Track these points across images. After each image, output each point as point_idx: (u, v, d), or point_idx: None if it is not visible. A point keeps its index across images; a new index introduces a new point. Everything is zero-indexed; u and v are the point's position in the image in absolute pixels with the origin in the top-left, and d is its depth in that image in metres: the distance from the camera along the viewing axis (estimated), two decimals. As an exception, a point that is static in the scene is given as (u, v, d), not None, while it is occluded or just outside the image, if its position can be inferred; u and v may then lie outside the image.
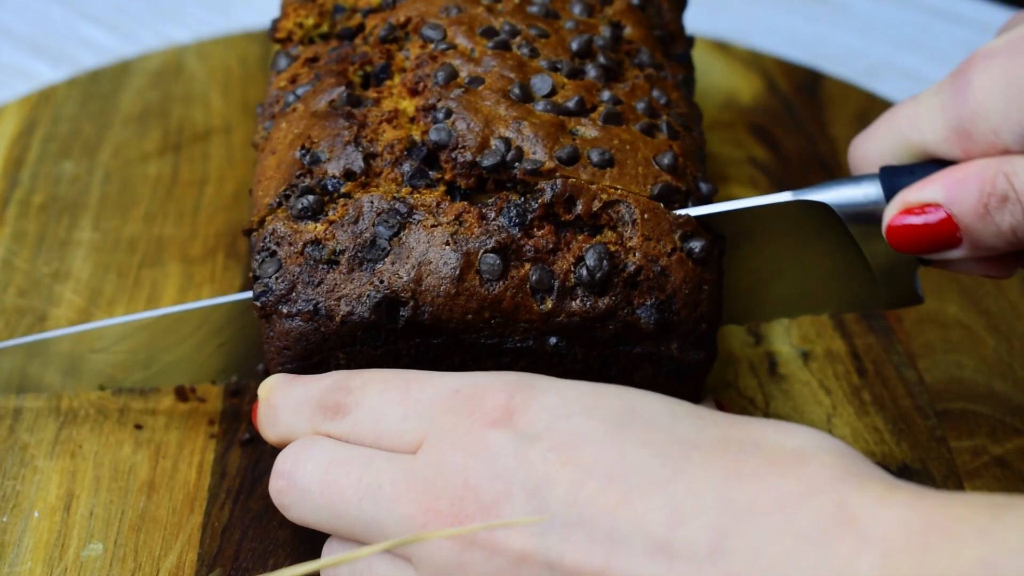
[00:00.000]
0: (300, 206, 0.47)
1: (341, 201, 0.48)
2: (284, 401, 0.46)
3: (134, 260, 0.62)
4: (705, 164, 0.52)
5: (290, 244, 0.47)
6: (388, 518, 0.41)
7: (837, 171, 0.69)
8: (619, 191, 0.47)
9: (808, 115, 0.74)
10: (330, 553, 0.44)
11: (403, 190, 0.47)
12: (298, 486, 0.43)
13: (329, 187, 0.48)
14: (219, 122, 0.71)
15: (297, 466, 0.44)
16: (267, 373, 0.49)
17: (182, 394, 0.55)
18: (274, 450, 0.52)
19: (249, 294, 0.50)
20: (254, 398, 0.55)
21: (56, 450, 0.52)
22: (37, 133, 0.69)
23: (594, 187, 0.47)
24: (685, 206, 0.48)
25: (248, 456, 0.52)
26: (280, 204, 0.48)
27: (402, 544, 0.38)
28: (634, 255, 0.47)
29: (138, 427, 0.53)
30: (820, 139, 0.72)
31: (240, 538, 0.49)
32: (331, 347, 0.47)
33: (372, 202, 0.47)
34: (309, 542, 0.49)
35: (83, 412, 0.54)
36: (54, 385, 0.54)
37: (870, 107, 0.74)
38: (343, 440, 0.44)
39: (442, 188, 0.48)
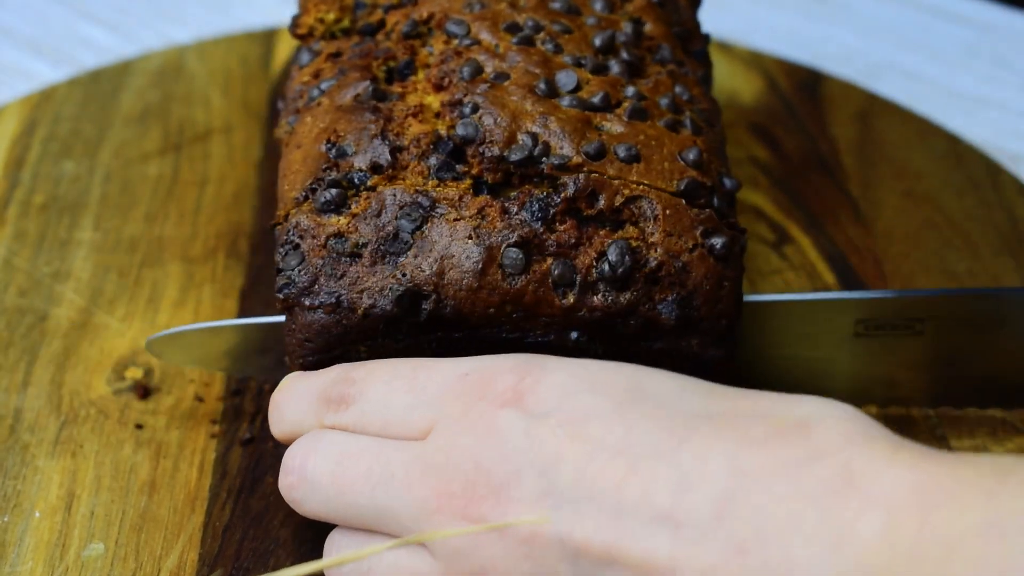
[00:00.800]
0: (323, 199, 0.47)
1: (364, 194, 0.48)
2: (289, 397, 0.46)
3: (135, 260, 0.62)
4: (727, 160, 0.52)
5: (313, 237, 0.47)
6: (401, 505, 0.41)
7: (837, 171, 0.69)
8: (644, 186, 0.47)
9: (808, 115, 0.74)
10: (332, 545, 0.44)
11: (429, 183, 0.47)
12: (308, 480, 0.43)
13: (355, 180, 0.48)
14: (219, 122, 0.71)
15: (307, 460, 0.44)
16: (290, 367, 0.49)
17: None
18: (275, 449, 0.52)
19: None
20: (255, 397, 0.55)
21: (57, 450, 0.52)
22: (38, 133, 0.69)
23: (616, 182, 0.47)
24: (710, 202, 0.48)
25: (249, 456, 0.52)
26: (307, 198, 0.48)
27: (410, 543, 0.38)
28: (656, 251, 0.47)
29: (139, 427, 0.53)
30: (820, 139, 0.72)
31: (241, 538, 0.49)
32: (353, 340, 0.47)
33: (395, 195, 0.47)
34: (310, 541, 0.49)
35: (84, 412, 0.54)
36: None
37: (870, 107, 0.74)
38: (350, 431, 0.44)
39: (468, 182, 0.48)
